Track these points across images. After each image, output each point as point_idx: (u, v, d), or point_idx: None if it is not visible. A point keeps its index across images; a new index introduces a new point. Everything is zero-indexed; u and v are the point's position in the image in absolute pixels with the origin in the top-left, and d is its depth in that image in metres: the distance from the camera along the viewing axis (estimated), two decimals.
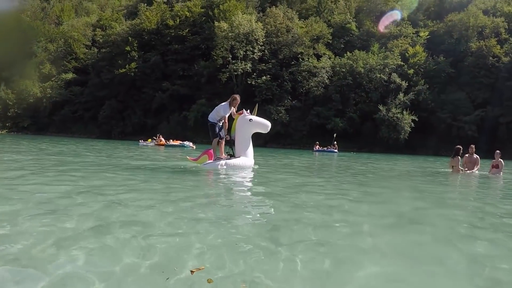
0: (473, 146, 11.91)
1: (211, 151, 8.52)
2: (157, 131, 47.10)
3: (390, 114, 41.15)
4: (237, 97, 8.68)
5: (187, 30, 53.71)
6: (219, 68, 47.66)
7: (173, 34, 54.37)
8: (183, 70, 52.40)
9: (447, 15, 49.30)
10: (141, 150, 19.18)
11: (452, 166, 11.64)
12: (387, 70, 43.17)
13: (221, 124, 8.60)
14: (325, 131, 43.04)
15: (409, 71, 43.84)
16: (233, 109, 8.65)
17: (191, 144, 28.93)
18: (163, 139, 30.85)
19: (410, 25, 48.62)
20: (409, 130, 41.25)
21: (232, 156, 8.58)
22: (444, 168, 13.68)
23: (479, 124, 43.38)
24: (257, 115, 8.88)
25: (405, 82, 42.84)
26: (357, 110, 42.86)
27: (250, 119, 8.39)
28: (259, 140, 45.59)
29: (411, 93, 42.42)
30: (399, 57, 44.29)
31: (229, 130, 8.74)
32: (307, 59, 44.89)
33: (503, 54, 47.08)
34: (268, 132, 9.03)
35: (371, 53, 44.52)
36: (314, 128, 43.25)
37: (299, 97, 44.62)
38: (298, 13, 49.57)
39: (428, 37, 47.01)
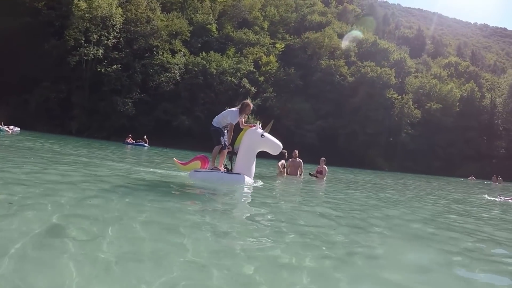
0: (296, 151, 12.52)
1: (204, 157, 7.41)
2: None
3: None
4: (250, 103, 7.45)
5: (43, 3, 48.62)
6: (69, 50, 43.93)
7: (27, 4, 48.83)
8: (31, 47, 47.17)
9: (305, 32, 52.68)
10: None
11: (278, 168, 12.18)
12: (239, 74, 44.19)
13: (225, 131, 7.34)
14: (171, 127, 42.24)
15: (259, 78, 45.48)
16: (243, 118, 7.45)
17: (7, 128, 25.90)
18: None
19: (268, 35, 50.80)
20: None
21: (229, 170, 7.36)
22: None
23: (320, 133, 46.73)
24: (270, 132, 7.72)
25: (254, 88, 44.26)
26: (205, 109, 42.83)
27: (262, 135, 7.24)
28: (102, 133, 43.08)
29: (258, 99, 43.89)
30: (252, 64, 45.77)
31: (233, 141, 7.51)
32: (161, 53, 43.75)
33: (349, 74, 51.79)
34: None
35: (226, 56, 45.18)
36: (160, 123, 42.07)
37: (149, 91, 43.12)
38: (161, 5, 48.15)
39: (283, 49, 49.55)
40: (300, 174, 12.45)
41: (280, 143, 7.62)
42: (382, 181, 18.19)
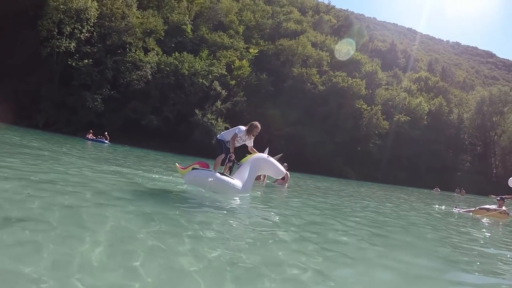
0: None
1: (204, 163, 7.62)
2: None
3: (205, 119, 42.29)
4: (258, 125, 7.63)
5: None
6: (41, 41, 43.37)
7: None
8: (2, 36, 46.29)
9: (280, 39, 53.62)
10: None
11: None
12: (211, 77, 44.57)
13: (228, 145, 7.53)
14: (139, 126, 42.22)
15: (231, 82, 45.99)
16: (251, 139, 7.68)
17: None
18: None
19: (243, 40, 51.44)
20: None
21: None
22: None
23: (288, 140, 47.50)
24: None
25: (225, 91, 44.73)
26: (174, 110, 43.04)
27: (267, 156, 7.62)
28: (69, 128, 42.60)
29: (228, 102, 44.39)
30: (225, 67, 46.21)
31: (238, 157, 7.81)
32: (134, 51, 43.72)
33: (321, 83, 52.88)
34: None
35: (199, 58, 45.50)
36: (128, 122, 42.01)
37: (119, 88, 42.97)
38: (138, 2, 47.97)
39: (257, 54, 50.25)
40: (264, 180, 12.50)
41: (284, 169, 7.80)
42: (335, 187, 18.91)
